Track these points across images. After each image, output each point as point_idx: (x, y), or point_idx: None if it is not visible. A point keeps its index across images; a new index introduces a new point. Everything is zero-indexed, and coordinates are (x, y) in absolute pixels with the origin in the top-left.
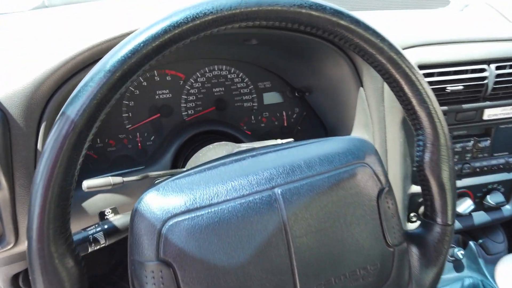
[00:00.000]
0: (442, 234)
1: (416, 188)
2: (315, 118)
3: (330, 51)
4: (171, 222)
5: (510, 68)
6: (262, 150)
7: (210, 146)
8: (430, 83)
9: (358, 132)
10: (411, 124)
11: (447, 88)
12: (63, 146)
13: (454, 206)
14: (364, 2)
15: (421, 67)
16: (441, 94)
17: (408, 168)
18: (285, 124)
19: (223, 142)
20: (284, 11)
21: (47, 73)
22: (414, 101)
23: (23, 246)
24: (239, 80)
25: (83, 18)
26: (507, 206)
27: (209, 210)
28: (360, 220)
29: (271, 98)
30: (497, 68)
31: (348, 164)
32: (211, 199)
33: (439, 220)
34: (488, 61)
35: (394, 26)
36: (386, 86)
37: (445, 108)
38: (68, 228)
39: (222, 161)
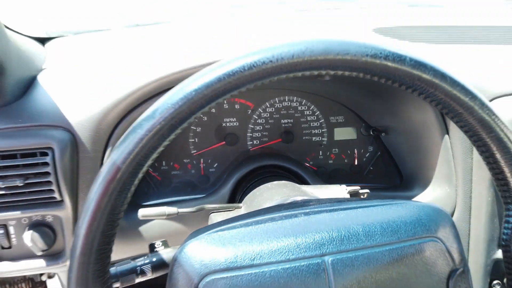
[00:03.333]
0: None
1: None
2: (390, 160)
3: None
4: (208, 278)
5: None
6: (317, 206)
7: (268, 185)
8: None
9: (438, 183)
10: (500, 196)
11: None
12: (106, 192)
13: None
14: (458, 35)
15: None
16: None
17: (496, 230)
18: (356, 163)
19: (282, 182)
20: (354, 61)
21: (115, 103)
22: (508, 172)
23: None
24: (309, 112)
25: (160, 42)
26: None
27: (250, 272)
28: None
29: (343, 133)
30: None
31: (416, 238)
32: (253, 260)
33: None
34: None
35: (490, 67)
36: None
37: None
38: (107, 271)
39: (272, 215)
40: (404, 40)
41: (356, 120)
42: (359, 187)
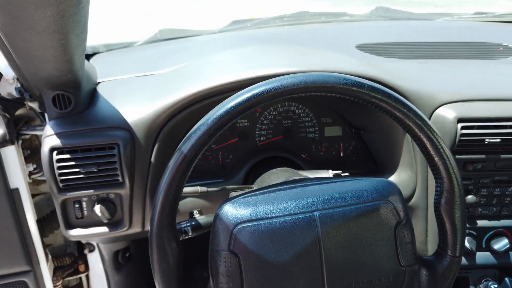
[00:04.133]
0: (450, 263)
1: None
2: (368, 152)
3: None
4: (239, 226)
5: None
6: (310, 181)
7: (274, 170)
8: (469, 134)
9: (403, 169)
10: (432, 172)
11: (485, 140)
12: (177, 170)
13: (463, 242)
14: (428, 51)
15: (462, 120)
16: (479, 144)
17: None
18: (341, 155)
19: (284, 168)
20: (332, 87)
21: (164, 109)
22: (435, 157)
23: (133, 230)
24: (305, 115)
25: (191, 54)
26: None
27: (266, 222)
28: (379, 243)
29: (331, 131)
30: None
31: (374, 200)
32: (268, 214)
33: (449, 251)
34: None
35: (444, 81)
36: None
37: (482, 156)
38: (175, 222)
39: (279, 187)
40: (381, 56)
41: (341, 121)
42: (341, 172)
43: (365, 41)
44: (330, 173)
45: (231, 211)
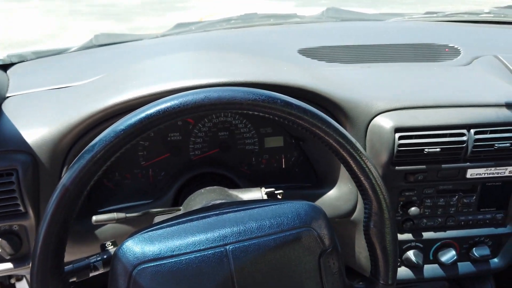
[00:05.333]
0: None
1: (401, 236)
2: (311, 164)
3: None
4: (140, 267)
5: (490, 133)
6: (227, 208)
7: (202, 190)
8: (408, 144)
9: (343, 182)
10: (360, 193)
11: (424, 150)
12: (58, 206)
13: (395, 268)
14: (373, 54)
15: (399, 129)
16: (419, 155)
17: None
18: (283, 166)
19: (213, 187)
20: (240, 103)
21: (70, 127)
22: (360, 176)
23: None
24: (242, 125)
25: (110, 65)
26: (495, 259)
27: (170, 261)
28: (302, 276)
29: (272, 142)
30: (476, 133)
31: (295, 228)
32: (173, 251)
33: (381, 279)
34: (468, 126)
35: (383, 87)
36: (367, 144)
37: (423, 167)
38: (61, 265)
39: (191, 216)
40: (322, 61)
41: (282, 131)
42: (274, 189)
43: (309, 45)
44: (262, 191)
45: (132, 249)
